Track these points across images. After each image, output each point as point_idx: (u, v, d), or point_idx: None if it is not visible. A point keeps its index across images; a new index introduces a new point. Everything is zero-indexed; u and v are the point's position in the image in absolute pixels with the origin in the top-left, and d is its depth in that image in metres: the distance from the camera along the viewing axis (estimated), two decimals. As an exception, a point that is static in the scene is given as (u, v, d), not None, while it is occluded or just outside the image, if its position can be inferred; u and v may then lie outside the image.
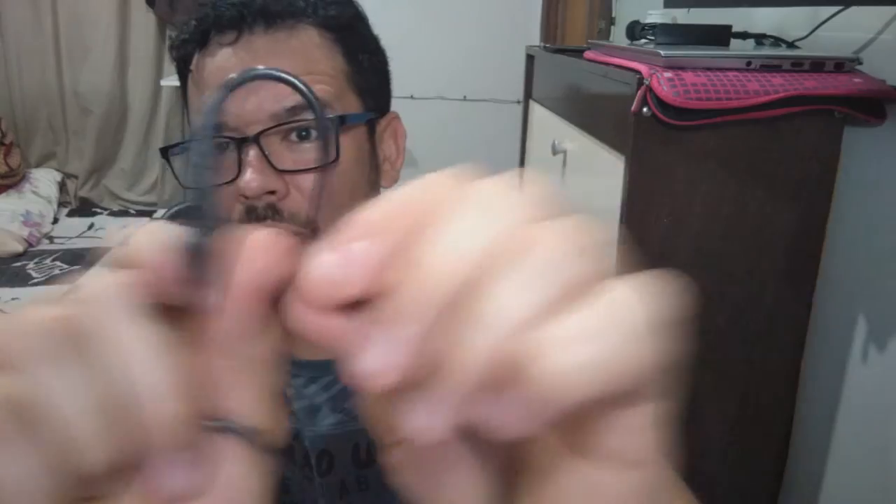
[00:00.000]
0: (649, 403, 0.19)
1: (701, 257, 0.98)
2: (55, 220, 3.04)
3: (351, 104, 0.59)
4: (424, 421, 0.17)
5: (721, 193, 0.96)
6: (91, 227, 3.06)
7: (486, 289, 0.17)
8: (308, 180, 0.55)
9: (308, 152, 0.56)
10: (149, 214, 3.17)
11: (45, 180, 3.14)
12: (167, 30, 3.12)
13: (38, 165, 3.29)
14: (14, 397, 0.18)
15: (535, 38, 2.47)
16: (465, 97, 2.85)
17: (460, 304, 0.17)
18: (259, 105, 0.54)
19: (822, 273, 1.02)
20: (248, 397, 0.22)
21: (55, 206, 3.10)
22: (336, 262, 0.18)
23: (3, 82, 3.19)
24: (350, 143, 0.58)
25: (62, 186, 3.25)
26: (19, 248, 2.69)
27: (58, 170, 3.28)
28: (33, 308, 0.19)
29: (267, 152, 0.54)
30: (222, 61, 0.56)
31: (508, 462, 0.22)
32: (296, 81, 0.22)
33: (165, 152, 0.60)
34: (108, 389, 0.19)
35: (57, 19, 3.13)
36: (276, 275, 0.20)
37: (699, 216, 0.96)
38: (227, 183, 0.55)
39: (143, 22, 3.13)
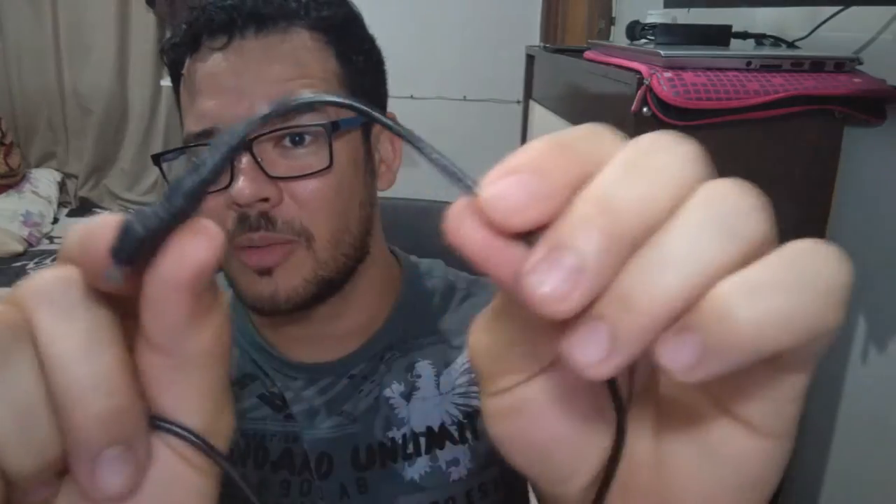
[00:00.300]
0: (804, 374, 0.19)
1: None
2: (55, 220, 3.04)
3: (344, 109, 0.59)
4: (598, 354, 0.17)
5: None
6: (91, 227, 3.06)
7: (673, 230, 0.17)
8: (302, 187, 0.55)
9: (302, 158, 0.55)
10: (149, 214, 3.17)
11: (45, 180, 3.13)
12: (167, 30, 3.11)
13: (38, 165, 3.28)
14: None
15: (535, 38, 2.47)
16: (465, 97, 2.85)
17: (643, 243, 0.17)
18: (252, 109, 0.54)
19: (822, 273, 1.02)
20: (187, 396, 0.21)
21: (55, 206, 3.10)
22: (521, 186, 0.17)
23: (3, 82, 3.18)
24: (344, 148, 0.57)
25: (62, 186, 3.25)
26: (19, 248, 2.69)
27: (58, 170, 3.28)
28: None
29: (259, 159, 0.53)
30: (213, 66, 0.55)
31: (621, 415, 0.21)
32: (337, 99, 0.21)
33: (158, 159, 0.59)
34: (38, 388, 0.18)
35: (57, 19, 3.13)
36: (203, 265, 0.19)
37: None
38: (219, 190, 0.54)
39: (143, 22, 3.13)
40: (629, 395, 0.22)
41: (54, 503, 0.21)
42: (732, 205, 0.17)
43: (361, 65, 0.61)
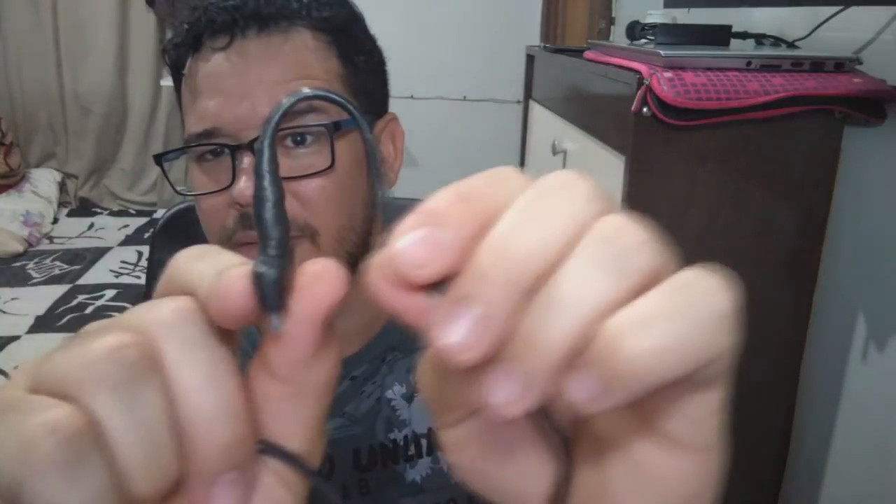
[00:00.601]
0: (718, 390, 0.20)
1: (700, 257, 0.98)
2: (55, 220, 3.04)
3: None
4: (508, 395, 0.18)
5: (721, 193, 0.96)
6: (91, 227, 3.06)
7: (566, 271, 0.18)
8: (305, 186, 0.55)
9: (304, 158, 0.55)
10: (149, 214, 3.17)
11: (45, 180, 3.14)
12: (167, 30, 3.11)
13: (38, 165, 3.29)
14: (72, 428, 0.18)
15: (535, 38, 2.47)
16: (465, 97, 2.85)
17: (541, 285, 0.18)
18: (253, 110, 0.54)
19: (822, 273, 1.02)
20: (297, 422, 0.22)
21: (55, 206, 3.10)
22: (423, 242, 0.18)
23: (3, 82, 3.19)
24: (346, 148, 0.57)
25: (62, 186, 3.25)
26: (19, 248, 2.69)
27: (58, 170, 3.28)
28: (95, 335, 0.20)
29: None
30: (215, 66, 0.55)
31: (565, 442, 0.23)
32: (338, 99, 0.22)
33: (159, 159, 0.59)
34: (167, 414, 0.19)
35: (57, 19, 3.13)
36: (334, 303, 0.21)
37: (699, 216, 0.96)
38: (221, 190, 0.54)
39: (143, 22, 3.13)
40: (562, 427, 0.23)
41: None
42: (622, 241, 0.18)
43: (363, 65, 0.61)
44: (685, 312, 0.18)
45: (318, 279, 0.21)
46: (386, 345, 0.63)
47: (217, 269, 0.20)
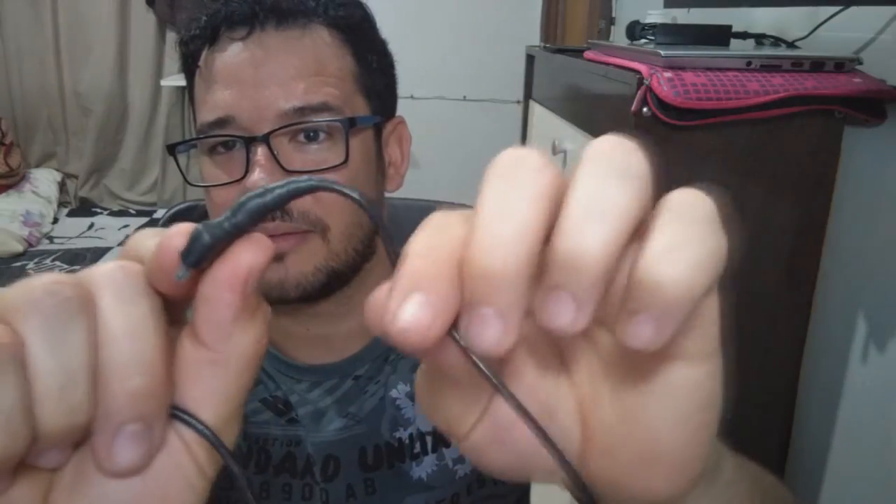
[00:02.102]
0: (716, 295, 0.21)
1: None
2: (55, 220, 3.04)
3: (359, 106, 0.59)
4: (567, 317, 0.19)
5: (721, 193, 0.96)
6: (91, 227, 3.06)
7: (580, 183, 0.19)
8: None
9: (316, 153, 0.56)
10: (149, 214, 3.17)
11: (45, 180, 3.14)
12: (167, 30, 3.11)
13: (38, 165, 3.29)
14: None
15: (535, 38, 2.47)
16: (465, 97, 2.85)
17: (565, 200, 0.19)
18: (268, 103, 0.54)
19: (822, 272, 1.02)
20: (213, 392, 0.23)
21: (55, 206, 3.10)
22: (419, 312, 0.19)
23: (3, 82, 3.19)
24: (358, 146, 0.58)
25: (62, 186, 3.25)
26: (19, 248, 2.69)
27: (58, 170, 3.28)
28: (40, 275, 0.21)
29: (276, 152, 0.54)
30: (232, 56, 0.56)
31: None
32: (353, 195, 0.22)
33: (173, 149, 0.59)
34: (88, 356, 0.20)
35: (57, 19, 3.13)
36: (255, 270, 0.22)
37: (699, 216, 0.96)
38: (234, 182, 0.55)
39: (143, 22, 3.13)
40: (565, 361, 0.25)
41: (60, 473, 0.22)
42: (619, 153, 0.20)
43: (376, 65, 0.62)
44: (695, 229, 0.19)
45: (243, 247, 0.22)
46: (388, 344, 0.63)
47: (158, 234, 0.22)
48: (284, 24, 0.56)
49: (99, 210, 3.27)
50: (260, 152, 0.54)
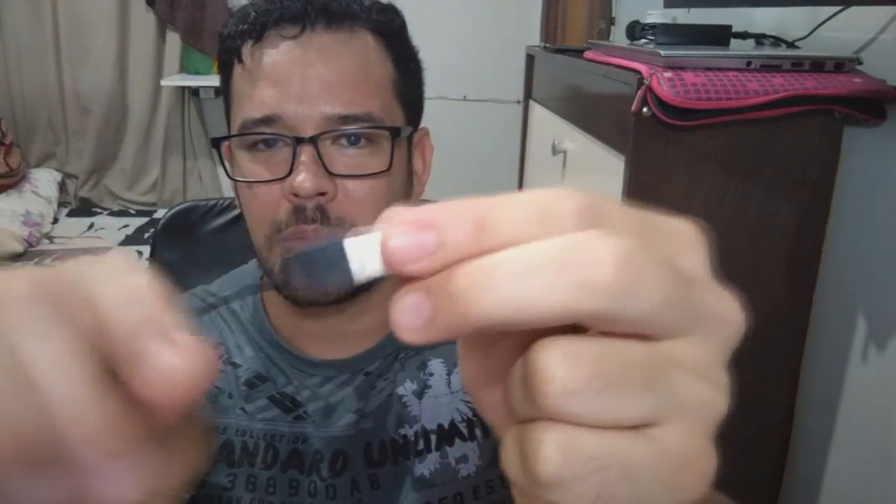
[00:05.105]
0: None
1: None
2: (55, 220, 3.04)
3: (397, 115, 0.60)
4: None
5: (721, 193, 0.96)
6: (91, 227, 3.06)
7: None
8: (356, 185, 0.57)
9: (357, 158, 0.57)
10: (149, 214, 3.17)
11: (45, 180, 3.13)
12: (167, 30, 3.12)
13: (38, 165, 3.28)
14: None
15: (535, 38, 2.47)
16: (465, 97, 2.85)
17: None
18: (314, 106, 0.55)
19: (822, 272, 1.02)
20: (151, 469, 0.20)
21: (55, 206, 3.10)
22: (414, 244, 0.20)
23: (3, 82, 3.18)
24: (398, 154, 0.59)
25: (62, 186, 3.25)
26: (19, 248, 2.68)
27: (58, 170, 3.28)
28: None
29: (321, 154, 0.55)
30: (282, 55, 0.56)
31: None
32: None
33: (217, 142, 0.60)
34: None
35: (57, 19, 3.13)
36: (194, 388, 0.19)
37: (699, 216, 0.96)
38: (277, 180, 0.56)
39: (143, 22, 3.12)
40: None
41: None
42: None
43: (412, 73, 0.63)
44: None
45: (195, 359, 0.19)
46: (399, 343, 0.64)
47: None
48: (334, 26, 0.57)
49: (99, 210, 3.27)
50: (306, 153, 0.55)
